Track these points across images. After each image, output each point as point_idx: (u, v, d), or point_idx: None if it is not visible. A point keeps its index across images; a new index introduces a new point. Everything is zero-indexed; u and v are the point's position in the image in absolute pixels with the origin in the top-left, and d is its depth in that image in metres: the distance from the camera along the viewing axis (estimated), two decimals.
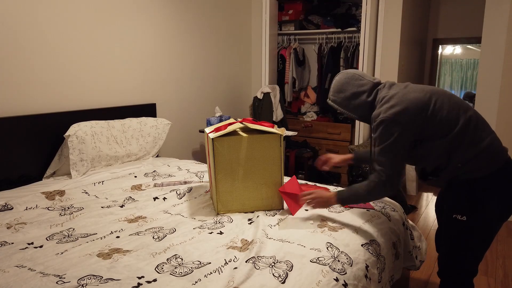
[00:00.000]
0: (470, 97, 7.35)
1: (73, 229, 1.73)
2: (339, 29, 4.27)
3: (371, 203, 2.03)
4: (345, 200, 1.72)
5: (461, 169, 1.55)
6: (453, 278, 1.71)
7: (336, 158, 2.03)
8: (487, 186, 1.54)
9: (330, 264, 1.42)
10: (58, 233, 1.69)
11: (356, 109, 1.71)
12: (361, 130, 3.98)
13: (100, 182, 2.34)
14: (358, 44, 4.15)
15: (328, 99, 1.80)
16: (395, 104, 1.56)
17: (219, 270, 1.37)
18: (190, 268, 1.38)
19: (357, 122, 3.98)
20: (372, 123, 1.64)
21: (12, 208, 1.93)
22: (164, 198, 2.12)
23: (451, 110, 1.55)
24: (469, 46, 8.12)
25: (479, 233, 1.59)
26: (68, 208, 1.98)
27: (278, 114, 4.12)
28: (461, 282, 1.69)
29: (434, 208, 1.76)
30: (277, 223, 1.77)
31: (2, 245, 1.57)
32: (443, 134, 1.55)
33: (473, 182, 1.55)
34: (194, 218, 1.86)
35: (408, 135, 1.56)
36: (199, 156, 3.94)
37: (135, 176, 2.49)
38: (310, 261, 1.42)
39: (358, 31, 4.17)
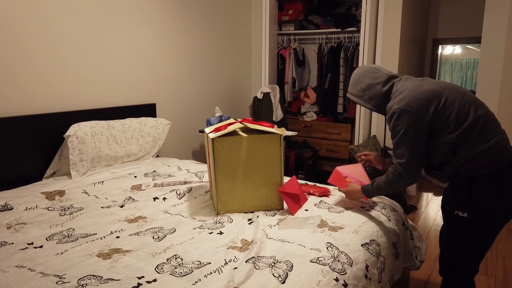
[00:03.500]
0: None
1: (73, 229, 1.73)
2: (339, 29, 4.27)
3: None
4: (367, 192, 1.83)
5: (463, 166, 1.58)
6: (453, 275, 1.72)
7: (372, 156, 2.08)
8: (488, 184, 1.55)
9: (330, 264, 1.42)
10: (58, 233, 1.69)
11: (370, 100, 1.77)
12: (361, 130, 3.98)
13: (100, 182, 2.34)
14: (358, 44, 4.15)
15: (347, 93, 1.88)
16: (408, 95, 1.61)
17: (219, 270, 1.37)
18: (190, 268, 1.38)
19: (357, 122, 3.98)
20: (386, 115, 1.69)
21: (12, 208, 1.93)
22: (164, 198, 2.12)
23: (462, 107, 1.57)
24: (469, 46, 8.12)
25: (479, 231, 1.60)
26: (68, 208, 1.98)
27: (278, 114, 4.12)
28: (461, 280, 1.71)
29: (434, 208, 1.79)
30: (277, 223, 1.77)
31: (2, 245, 1.57)
32: (451, 130, 1.56)
33: (474, 180, 1.57)
34: (194, 218, 1.86)
35: (421, 125, 1.58)
36: (199, 156, 3.94)
37: (135, 176, 2.49)
38: (310, 261, 1.42)
39: (358, 31, 4.17)
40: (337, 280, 1.36)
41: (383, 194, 1.82)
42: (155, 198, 2.12)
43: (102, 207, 2.00)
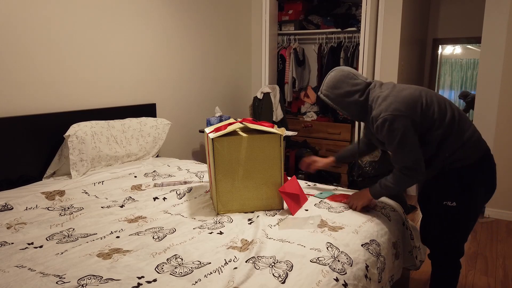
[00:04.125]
0: (465, 95, 7.31)
1: (73, 229, 1.73)
2: (339, 29, 4.27)
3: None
4: (377, 194, 1.84)
5: (448, 159, 1.69)
6: (443, 259, 1.86)
7: (319, 162, 2.19)
8: (473, 173, 1.69)
9: (330, 264, 1.42)
10: (58, 233, 1.69)
11: (348, 107, 1.79)
12: (361, 130, 3.97)
13: (100, 182, 2.34)
14: (358, 44, 4.15)
15: (319, 93, 1.85)
16: (394, 100, 1.66)
17: (219, 270, 1.37)
18: (190, 268, 1.38)
19: (357, 122, 3.98)
20: (374, 123, 1.73)
21: (12, 208, 1.93)
22: (164, 198, 2.12)
23: (440, 104, 1.69)
24: (469, 46, 8.11)
25: (467, 216, 1.74)
26: (68, 208, 1.98)
27: (278, 114, 4.12)
28: (450, 262, 1.85)
29: None
30: (277, 223, 1.77)
31: (2, 245, 1.57)
32: (437, 126, 1.66)
33: (461, 171, 1.69)
34: (194, 218, 1.86)
35: (413, 125, 1.65)
36: (199, 156, 3.94)
37: (135, 176, 2.49)
38: (310, 261, 1.42)
39: (358, 31, 4.17)
40: (337, 280, 1.36)
41: (392, 194, 1.83)
42: (155, 198, 2.12)
43: (102, 207, 2.00)
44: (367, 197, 1.88)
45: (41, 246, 1.56)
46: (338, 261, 1.45)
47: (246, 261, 1.41)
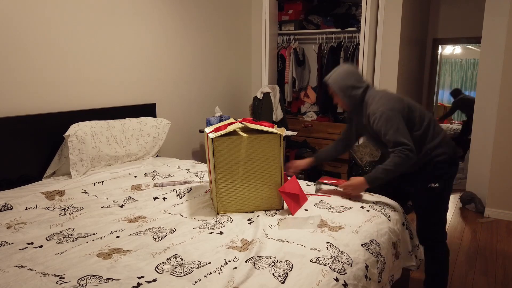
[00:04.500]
0: (455, 94, 6.77)
1: (73, 229, 1.73)
2: (339, 29, 4.27)
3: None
4: (374, 180, 2.01)
5: (430, 154, 2.03)
6: (431, 239, 2.14)
7: (301, 164, 2.37)
8: (448, 164, 2.06)
9: (330, 264, 1.42)
10: (58, 233, 1.69)
11: (349, 97, 2.09)
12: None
13: (100, 182, 2.34)
14: (358, 44, 4.15)
15: (328, 77, 2.11)
16: (390, 99, 2.01)
17: (219, 270, 1.37)
18: (190, 268, 1.38)
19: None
20: (370, 117, 2.01)
21: (12, 208, 1.93)
22: (164, 198, 2.12)
23: (420, 110, 2.07)
24: (469, 46, 8.11)
25: (444, 196, 2.09)
26: (68, 208, 1.98)
27: (278, 114, 4.12)
28: (439, 241, 2.14)
29: None
30: (277, 223, 1.77)
31: (2, 245, 1.58)
32: (417, 128, 2.02)
33: (441, 163, 2.05)
34: (194, 218, 1.86)
35: (403, 119, 1.98)
36: (199, 156, 3.94)
37: (135, 176, 2.49)
38: (310, 261, 1.42)
39: (358, 31, 4.17)
40: (337, 280, 1.36)
41: (389, 178, 1.99)
42: (155, 198, 2.12)
43: (102, 207, 2.00)
44: (363, 186, 2.05)
45: (41, 246, 1.56)
46: (338, 261, 1.45)
47: (246, 261, 1.41)
